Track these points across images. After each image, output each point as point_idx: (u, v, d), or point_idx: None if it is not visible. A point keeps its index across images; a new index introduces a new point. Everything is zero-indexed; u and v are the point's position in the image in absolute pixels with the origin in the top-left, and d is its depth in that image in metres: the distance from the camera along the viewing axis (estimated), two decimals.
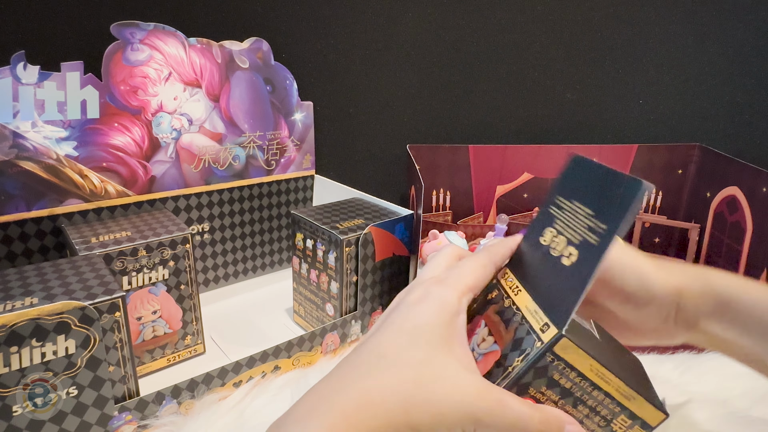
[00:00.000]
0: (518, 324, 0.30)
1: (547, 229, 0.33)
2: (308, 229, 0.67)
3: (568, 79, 0.95)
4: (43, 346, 0.43)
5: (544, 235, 0.33)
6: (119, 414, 0.48)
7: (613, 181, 0.29)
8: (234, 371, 0.55)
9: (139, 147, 0.69)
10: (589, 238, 0.29)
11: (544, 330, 0.28)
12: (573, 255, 0.30)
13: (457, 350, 0.28)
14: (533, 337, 0.29)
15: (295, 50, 0.87)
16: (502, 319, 0.31)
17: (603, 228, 0.28)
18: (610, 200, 0.29)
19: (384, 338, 0.28)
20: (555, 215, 0.33)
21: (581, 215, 0.31)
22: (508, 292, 0.33)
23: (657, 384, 0.53)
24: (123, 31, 0.64)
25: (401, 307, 0.30)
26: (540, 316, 0.29)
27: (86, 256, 0.55)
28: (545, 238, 0.33)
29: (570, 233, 0.31)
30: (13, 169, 0.60)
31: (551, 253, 0.32)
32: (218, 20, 0.81)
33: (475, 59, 0.95)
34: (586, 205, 0.31)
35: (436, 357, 0.27)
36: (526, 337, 0.29)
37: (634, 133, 0.96)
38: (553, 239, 0.32)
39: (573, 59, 0.94)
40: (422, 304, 0.29)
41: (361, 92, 0.95)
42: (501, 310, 0.32)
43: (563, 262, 0.30)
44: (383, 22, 0.91)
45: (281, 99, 0.81)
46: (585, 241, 0.29)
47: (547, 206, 0.34)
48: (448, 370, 0.27)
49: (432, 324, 0.28)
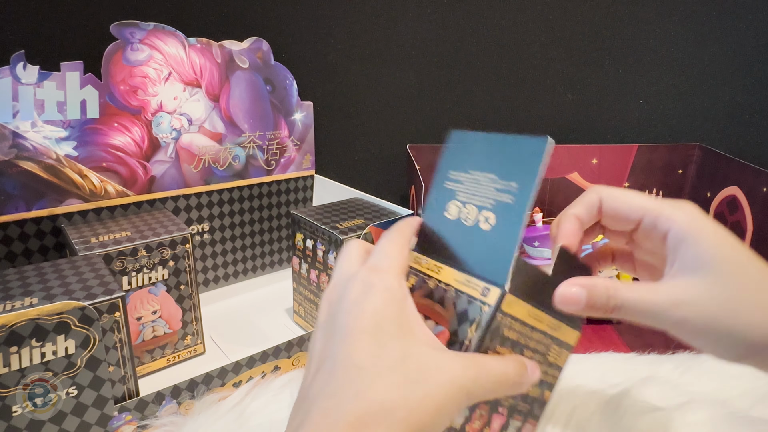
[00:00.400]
0: (454, 298, 0.31)
1: (450, 203, 0.34)
2: (308, 229, 0.67)
3: (568, 79, 0.95)
4: (42, 346, 0.43)
5: (448, 209, 0.33)
6: (119, 414, 0.48)
7: (512, 144, 0.31)
8: (234, 371, 0.55)
9: (138, 147, 0.69)
10: (502, 198, 0.31)
11: (485, 294, 0.29)
12: (490, 218, 0.31)
13: (420, 333, 0.28)
14: (477, 304, 0.29)
15: (295, 50, 0.87)
16: (434, 300, 0.32)
17: (514, 186, 0.30)
18: (514, 161, 0.31)
19: (350, 348, 0.27)
20: (454, 189, 0.34)
21: (484, 181, 0.32)
22: (429, 273, 0.33)
23: (657, 384, 0.53)
24: (123, 31, 0.64)
25: (347, 307, 0.28)
26: (475, 283, 0.30)
27: (86, 256, 0.55)
28: (450, 212, 0.33)
29: (479, 200, 0.32)
30: (13, 169, 0.60)
31: (465, 223, 0.32)
32: (218, 20, 0.81)
33: (475, 59, 0.95)
34: (486, 172, 0.32)
35: (409, 348, 0.27)
36: (469, 307, 0.30)
37: (634, 133, 0.96)
38: (461, 210, 0.33)
39: (573, 59, 0.94)
40: (370, 298, 0.28)
41: (361, 92, 0.95)
42: (428, 292, 0.32)
43: (481, 227, 0.31)
44: (383, 22, 0.91)
45: (281, 99, 0.81)
46: (499, 203, 0.31)
47: (440, 183, 0.35)
48: (426, 356, 0.27)
49: (389, 315, 0.27)
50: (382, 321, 0.27)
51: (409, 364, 0.26)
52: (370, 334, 0.27)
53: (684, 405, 0.49)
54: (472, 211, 0.32)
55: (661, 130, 0.95)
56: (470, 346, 0.29)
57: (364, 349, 0.26)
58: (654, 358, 0.61)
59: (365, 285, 0.28)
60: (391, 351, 0.26)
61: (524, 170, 0.30)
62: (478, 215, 0.32)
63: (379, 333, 0.27)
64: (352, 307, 0.28)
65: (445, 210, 0.34)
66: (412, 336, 0.27)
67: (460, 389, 0.27)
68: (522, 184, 0.30)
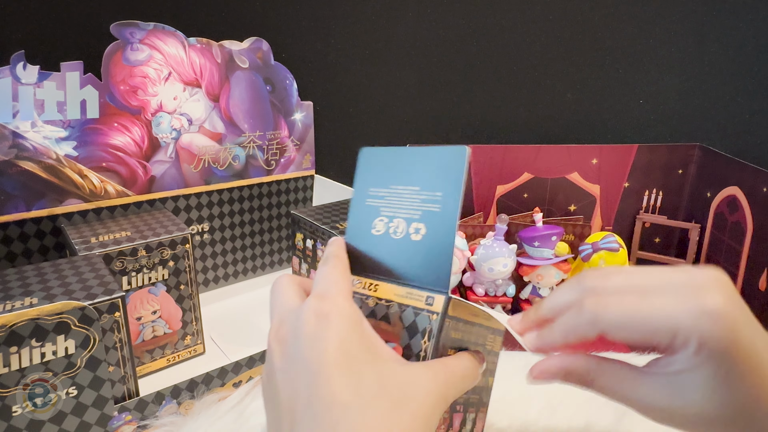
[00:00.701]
0: (399, 312, 0.31)
1: (376, 220, 0.33)
2: (308, 229, 0.67)
3: (568, 79, 0.95)
4: (42, 346, 0.43)
5: (375, 226, 0.33)
6: (119, 414, 0.48)
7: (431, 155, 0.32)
8: (234, 371, 0.55)
9: (138, 147, 0.69)
10: (429, 208, 0.31)
11: (430, 303, 0.30)
12: (421, 228, 0.31)
13: (385, 352, 0.27)
14: (425, 314, 0.30)
15: (295, 50, 0.87)
16: (378, 318, 0.31)
17: (439, 195, 0.31)
18: (435, 172, 0.31)
19: (326, 385, 0.24)
20: (377, 205, 0.34)
21: (408, 194, 0.32)
22: (366, 293, 0.32)
23: None
24: (123, 31, 0.64)
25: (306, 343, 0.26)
26: (417, 295, 0.30)
27: (86, 256, 0.54)
28: (377, 228, 0.33)
29: (406, 212, 0.32)
30: (13, 169, 0.60)
31: (394, 237, 0.32)
32: (218, 20, 0.81)
33: (475, 59, 0.95)
34: (408, 185, 0.32)
35: (383, 371, 0.26)
36: (417, 319, 0.30)
37: (634, 133, 0.96)
38: (389, 225, 0.33)
39: (573, 59, 0.94)
40: (329, 327, 0.26)
41: (361, 92, 0.95)
42: (369, 311, 0.32)
43: (413, 238, 0.31)
44: (383, 22, 0.91)
45: (281, 99, 0.81)
46: (427, 212, 0.31)
47: (361, 202, 0.34)
48: (400, 375, 0.26)
49: (354, 341, 0.26)
50: (350, 349, 0.26)
51: (389, 388, 0.25)
52: (343, 365, 0.25)
53: None
54: (401, 224, 0.32)
55: (661, 130, 0.95)
56: (427, 356, 0.29)
57: (342, 384, 0.25)
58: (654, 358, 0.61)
59: (319, 315, 0.26)
60: (369, 378, 0.25)
61: (448, 179, 0.31)
62: (407, 227, 0.32)
63: (351, 362, 0.25)
64: (314, 342, 0.26)
65: (372, 228, 0.33)
66: (380, 357, 0.26)
67: (439, 398, 0.27)
68: (447, 192, 0.30)
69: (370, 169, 0.35)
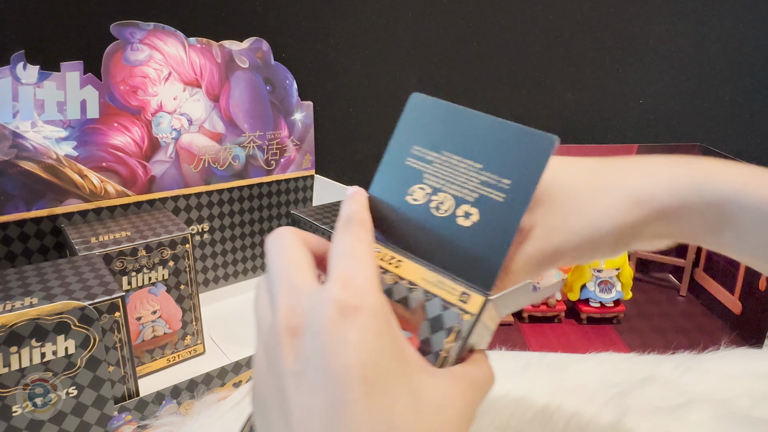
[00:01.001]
0: (424, 300, 0.26)
1: (414, 187, 0.28)
2: (308, 229, 0.67)
3: (568, 79, 0.95)
4: (42, 346, 0.43)
5: (413, 193, 0.28)
6: (119, 414, 0.48)
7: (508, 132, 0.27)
8: (234, 371, 0.55)
9: (138, 147, 0.69)
10: (490, 194, 0.26)
11: (465, 300, 0.25)
12: (473, 214, 0.26)
13: (412, 358, 0.23)
14: (454, 311, 0.25)
15: (295, 50, 0.87)
16: (395, 299, 0.27)
17: (507, 183, 0.26)
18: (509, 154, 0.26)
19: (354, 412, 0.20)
20: (419, 170, 0.28)
21: (464, 169, 0.27)
22: (385, 266, 0.27)
23: (657, 384, 0.53)
24: (123, 31, 0.64)
25: (329, 346, 0.21)
26: (450, 286, 0.26)
27: (86, 256, 0.54)
28: (416, 196, 0.28)
29: (456, 189, 0.27)
30: (13, 169, 0.60)
31: (435, 213, 0.27)
32: (218, 20, 0.81)
33: (475, 59, 0.95)
34: (468, 158, 0.27)
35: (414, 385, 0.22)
36: (444, 313, 0.26)
37: (634, 133, 0.96)
38: (432, 198, 0.28)
39: (573, 59, 0.94)
40: (356, 330, 0.21)
41: (361, 92, 0.95)
42: (386, 288, 0.27)
43: (460, 222, 0.27)
44: (383, 22, 0.91)
45: (281, 99, 0.81)
46: (486, 198, 0.26)
47: (400, 158, 0.29)
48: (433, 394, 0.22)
49: (383, 349, 0.21)
50: (381, 360, 0.21)
51: (423, 413, 0.22)
52: (373, 383, 0.21)
53: (684, 405, 0.49)
54: (447, 201, 0.27)
55: (661, 130, 0.95)
56: (448, 357, 0.25)
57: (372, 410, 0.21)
58: (654, 358, 0.61)
59: (345, 311, 0.21)
60: (402, 402, 0.21)
61: (524, 168, 0.26)
62: (455, 207, 0.27)
63: (381, 379, 0.21)
64: (338, 347, 0.21)
65: (407, 194, 0.28)
66: (409, 366, 0.22)
67: (469, 417, 0.23)
68: (519, 184, 0.26)
69: (419, 122, 0.29)
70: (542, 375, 0.55)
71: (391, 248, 0.28)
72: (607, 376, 0.55)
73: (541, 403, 0.50)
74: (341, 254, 0.24)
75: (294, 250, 0.25)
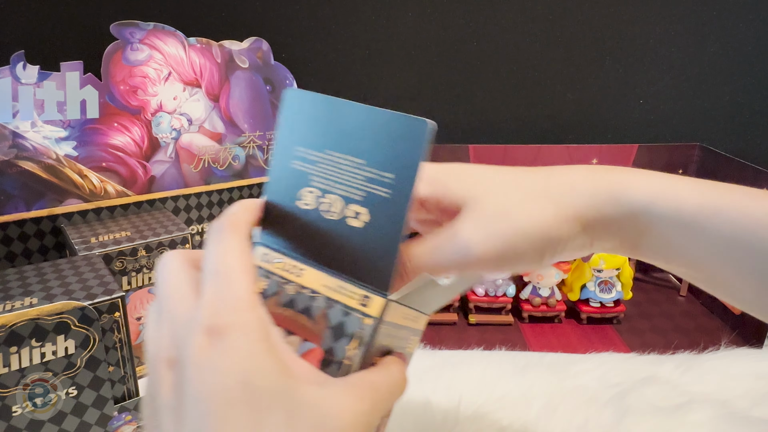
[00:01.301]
0: (326, 308, 0.25)
1: (303, 190, 0.27)
2: None
3: (568, 79, 0.95)
4: (42, 346, 0.43)
5: (301, 197, 0.27)
6: (119, 414, 0.48)
7: (383, 122, 0.25)
8: None
9: (138, 147, 0.69)
10: (376, 191, 0.25)
11: (366, 303, 0.25)
12: (362, 214, 0.25)
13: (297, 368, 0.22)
14: (356, 316, 0.25)
15: (295, 50, 0.87)
16: (297, 310, 0.26)
17: (389, 177, 0.25)
18: (387, 145, 0.25)
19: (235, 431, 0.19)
20: (306, 172, 0.27)
21: (349, 167, 0.26)
22: (287, 276, 0.26)
23: (657, 384, 0.53)
24: (123, 30, 0.64)
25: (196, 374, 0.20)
26: (350, 291, 0.25)
27: (86, 256, 0.54)
28: (306, 200, 0.27)
29: (343, 190, 0.26)
30: (13, 169, 0.60)
31: (327, 216, 0.26)
32: (218, 20, 0.81)
33: (475, 59, 0.95)
34: (351, 155, 0.26)
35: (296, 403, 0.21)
36: (346, 320, 0.25)
37: (634, 133, 0.96)
38: (321, 200, 0.26)
39: (573, 59, 0.94)
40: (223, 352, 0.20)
41: (361, 92, 0.95)
42: (287, 300, 0.26)
43: (350, 223, 0.26)
44: (383, 22, 0.91)
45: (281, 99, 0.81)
46: (372, 196, 0.25)
47: (286, 161, 0.27)
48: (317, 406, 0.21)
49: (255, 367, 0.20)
50: (253, 378, 0.20)
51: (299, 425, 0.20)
52: (242, 404, 0.20)
53: (684, 405, 0.49)
54: (337, 202, 0.26)
55: (661, 130, 0.95)
56: (351, 365, 0.24)
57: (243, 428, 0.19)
58: (654, 358, 0.61)
59: (212, 333, 0.20)
60: (275, 418, 0.20)
61: (404, 160, 0.25)
62: (344, 208, 0.26)
63: (253, 398, 0.20)
64: (205, 374, 0.20)
65: (296, 198, 0.27)
66: (290, 381, 0.21)
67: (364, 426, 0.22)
68: (401, 178, 0.25)
69: (298, 120, 0.28)
70: (542, 375, 0.55)
71: (292, 257, 0.27)
72: (607, 377, 0.55)
73: (541, 403, 0.50)
74: (209, 271, 0.22)
75: (175, 277, 0.24)
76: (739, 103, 0.94)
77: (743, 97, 0.93)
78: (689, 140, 0.94)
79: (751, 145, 0.94)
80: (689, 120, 0.96)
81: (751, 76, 0.93)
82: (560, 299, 0.71)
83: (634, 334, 0.70)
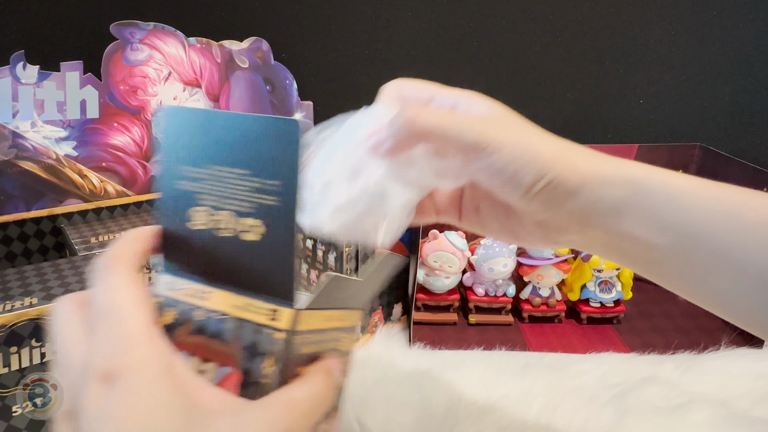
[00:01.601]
0: (237, 329, 0.24)
1: (191, 211, 0.26)
2: None
3: (568, 79, 0.95)
4: (42, 346, 0.43)
5: (193, 218, 0.26)
6: None
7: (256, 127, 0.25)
8: None
9: (138, 147, 0.69)
10: (264, 201, 0.24)
11: (275, 317, 0.24)
12: (257, 226, 0.25)
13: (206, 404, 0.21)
14: (267, 332, 0.24)
15: (295, 50, 0.87)
16: (209, 335, 0.25)
17: (275, 184, 0.24)
18: (267, 151, 0.24)
19: None
20: (192, 191, 0.26)
21: (233, 179, 0.25)
22: (194, 302, 0.26)
23: (657, 384, 0.53)
24: (123, 30, 0.64)
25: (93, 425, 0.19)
26: (258, 307, 0.24)
27: (86, 256, 0.54)
28: (197, 221, 0.26)
29: (234, 204, 0.25)
30: (13, 169, 0.60)
31: (219, 234, 0.25)
32: (218, 20, 0.81)
33: (475, 59, 0.95)
34: (234, 167, 0.25)
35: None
36: (258, 337, 0.24)
37: (634, 133, 0.96)
38: (212, 218, 0.26)
39: (573, 59, 0.94)
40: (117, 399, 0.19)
41: (361, 92, 0.95)
42: (198, 327, 0.25)
43: (246, 237, 0.25)
44: (383, 22, 0.91)
45: (281, 99, 0.81)
46: (263, 206, 0.25)
47: (171, 182, 0.26)
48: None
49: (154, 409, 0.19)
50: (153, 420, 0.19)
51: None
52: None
53: (684, 405, 0.49)
54: (229, 219, 0.25)
55: (661, 130, 0.95)
56: (270, 383, 0.24)
57: None
58: (654, 358, 0.61)
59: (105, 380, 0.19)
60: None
61: (283, 164, 0.24)
62: (236, 223, 0.25)
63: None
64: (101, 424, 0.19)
65: (187, 219, 0.26)
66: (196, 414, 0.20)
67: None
68: (284, 182, 0.24)
69: (177, 138, 0.26)
70: (542, 375, 0.55)
71: (196, 280, 0.26)
72: (607, 377, 0.55)
73: (541, 403, 0.50)
74: (96, 312, 0.21)
75: (67, 325, 0.23)
76: (739, 103, 0.94)
77: (743, 97, 0.93)
78: (689, 140, 0.94)
79: (751, 145, 0.94)
80: (689, 120, 0.96)
81: (751, 76, 0.93)
82: (560, 299, 0.71)
83: (634, 334, 0.70)
